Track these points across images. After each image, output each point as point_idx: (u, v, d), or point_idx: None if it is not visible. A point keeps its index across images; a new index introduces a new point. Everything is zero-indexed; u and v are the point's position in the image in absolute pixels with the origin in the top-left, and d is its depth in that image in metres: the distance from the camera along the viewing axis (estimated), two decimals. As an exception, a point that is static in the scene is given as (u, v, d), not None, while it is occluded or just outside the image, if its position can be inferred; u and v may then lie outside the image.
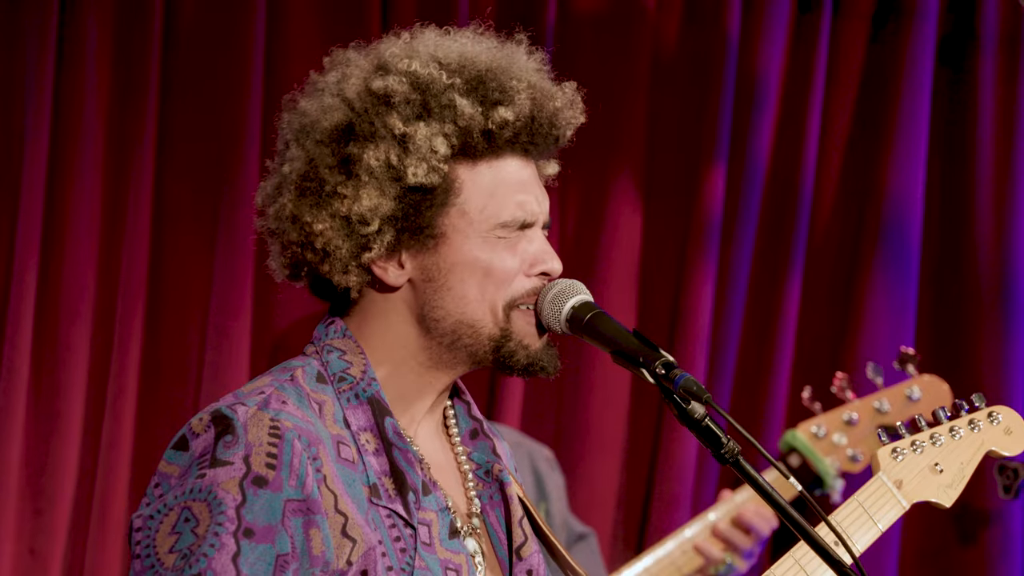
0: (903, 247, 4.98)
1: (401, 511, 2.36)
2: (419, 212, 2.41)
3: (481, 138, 2.42)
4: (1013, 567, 4.91)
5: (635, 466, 4.92)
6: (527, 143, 2.45)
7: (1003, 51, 5.05)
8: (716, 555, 4.29)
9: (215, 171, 4.59)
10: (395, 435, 2.40)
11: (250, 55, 4.58)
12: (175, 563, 2.25)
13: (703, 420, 2.31)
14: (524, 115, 2.43)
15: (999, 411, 2.77)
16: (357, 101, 2.42)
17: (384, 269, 2.43)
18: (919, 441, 2.72)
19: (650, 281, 4.96)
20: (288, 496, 2.28)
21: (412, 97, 2.40)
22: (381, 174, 2.39)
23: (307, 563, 2.29)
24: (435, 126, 2.40)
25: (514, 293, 2.43)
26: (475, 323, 2.43)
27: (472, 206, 2.42)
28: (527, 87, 2.44)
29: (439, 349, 2.44)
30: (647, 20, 4.94)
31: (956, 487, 2.74)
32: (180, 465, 2.32)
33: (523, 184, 2.46)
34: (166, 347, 4.58)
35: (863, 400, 4.42)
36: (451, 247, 2.42)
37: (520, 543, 2.51)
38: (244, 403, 2.33)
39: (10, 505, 4.41)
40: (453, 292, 2.42)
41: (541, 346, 2.46)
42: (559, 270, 2.47)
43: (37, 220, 4.46)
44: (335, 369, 2.43)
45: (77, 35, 4.50)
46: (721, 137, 4.91)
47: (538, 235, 2.47)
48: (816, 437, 4.40)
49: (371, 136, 2.40)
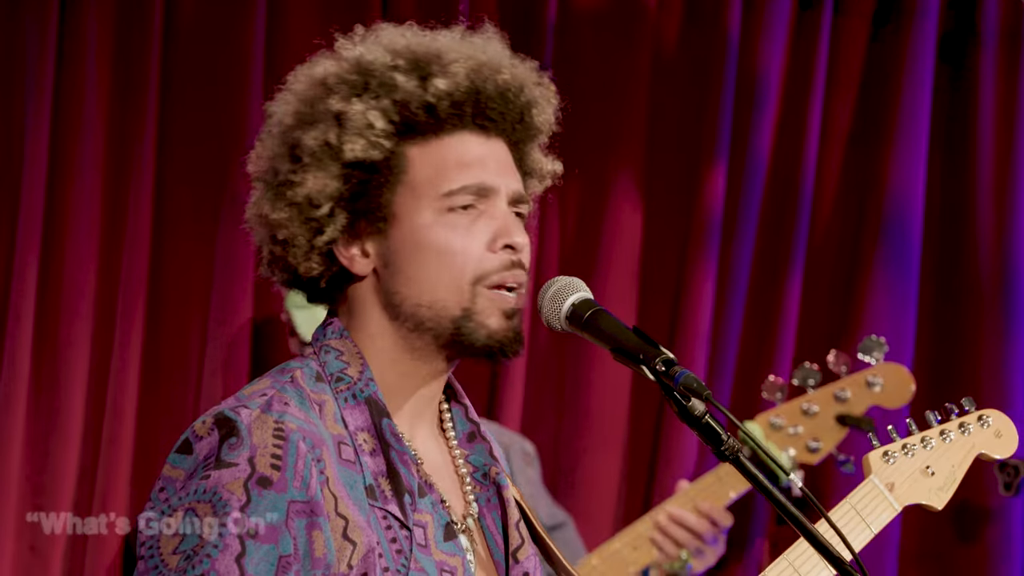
0: (904, 244, 4.98)
1: (397, 512, 2.36)
2: (367, 192, 2.40)
3: (423, 112, 2.40)
4: (1013, 564, 4.91)
5: (636, 463, 4.92)
6: (478, 117, 2.43)
7: (1004, 48, 5.05)
8: (670, 550, 4.27)
9: (216, 169, 4.60)
10: (392, 436, 2.39)
11: (250, 53, 4.58)
12: (179, 564, 2.25)
13: (703, 417, 2.30)
14: (463, 86, 2.41)
15: (989, 414, 2.80)
16: (305, 91, 2.43)
17: (350, 258, 2.43)
18: (910, 444, 2.74)
19: (650, 279, 4.96)
20: (292, 497, 2.28)
21: (351, 78, 2.41)
22: (321, 154, 2.39)
23: (309, 565, 2.28)
24: (371, 102, 2.39)
25: (479, 270, 2.39)
26: (433, 304, 2.40)
27: (419, 182, 2.40)
28: (473, 64, 2.42)
29: (408, 335, 2.42)
30: (648, 18, 4.95)
31: (947, 490, 2.76)
32: (185, 468, 2.31)
33: (479, 158, 2.43)
34: (167, 344, 4.58)
35: (823, 389, 4.40)
36: (402, 228, 2.40)
37: (517, 546, 2.50)
38: (247, 406, 2.33)
39: (11, 502, 4.41)
40: (407, 275, 2.40)
41: (503, 327, 2.42)
42: (524, 244, 2.42)
43: (38, 218, 4.46)
44: (332, 369, 2.42)
45: (77, 32, 4.50)
46: (722, 135, 4.91)
47: (501, 209, 2.42)
48: (773, 428, 4.38)
49: (312, 120, 2.41)
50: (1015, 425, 2.83)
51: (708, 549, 4.27)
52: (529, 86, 2.48)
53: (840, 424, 4.42)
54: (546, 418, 4.89)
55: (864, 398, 4.41)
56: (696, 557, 4.28)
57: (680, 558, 4.26)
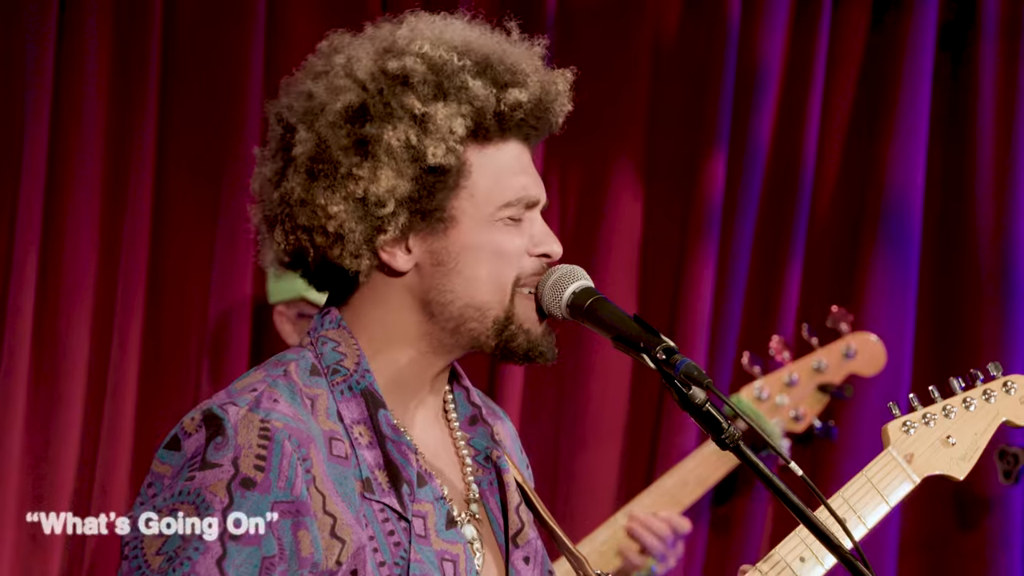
0: (903, 233, 4.98)
1: (395, 504, 2.36)
2: (432, 194, 2.40)
3: (493, 120, 2.42)
4: (1013, 553, 4.91)
5: (636, 452, 4.92)
6: (531, 127, 2.46)
7: (1004, 37, 5.04)
8: (635, 559, 4.32)
9: (216, 160, 4.59)
10: (388, 427, 2.40)
11: (250, 44, 4.57)
12: (160, 565, 2.25)
13: (704, 405, 2.31)
14: (535, 97, 2.43)
15: (1015, 380, 2.74)
16: (371, 82, 2.40)
17: (392, 254, 2.42)
18: (931, 413, 2.69)
19: (650, 267, 4.96)
20: (276, 498, 2.28)
21: (429, 78, 2.39)
22: (400, 154, 2.38)
23: (295, 565, 2.28)
24: (453, 107, 2.39)
25: (520, 272, 2.44)
26: (482, 305, 2.42)
27: (479, 189, 2.42)
28: (534, 70, 2.45)
29: (441, 334, 2.44)
30: (648, 6, 4.94)
31: (969, 459, 2.71)
32: (172, 465, 2.31)
33: (524, 167, 2.47)
34: (167, 335, 4.58)
35: (802, 360, 4.57)
36: (460, 230, 2.42)
37: (516, 530, 2.51)
38: (236, 402, 2.33)
39: (11, 492, 4.41)
40: (464, 275, 2.42)
41: (541, 332, 2.46)
42: (559, 252, 2.47)
43: (37, 208, 4.45)
44: (329, 361, 2.42)
45: (78, 21, 4.49)
46: (722, 124, 4.90)
47: (539, 217, 2.48)
48: (759, 400, 4.48)
49: (388, 116, 2.38)
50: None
51: (671, 554, 4.33)
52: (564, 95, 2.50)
53: (821, 392, 4.58)
54: (546, 407, 4.89)
55: (841, 367, 4.62)
56: (660, 562, 4.34)
57: (646, 565, 4.31)
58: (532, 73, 2.44)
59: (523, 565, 2.50)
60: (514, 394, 4.79)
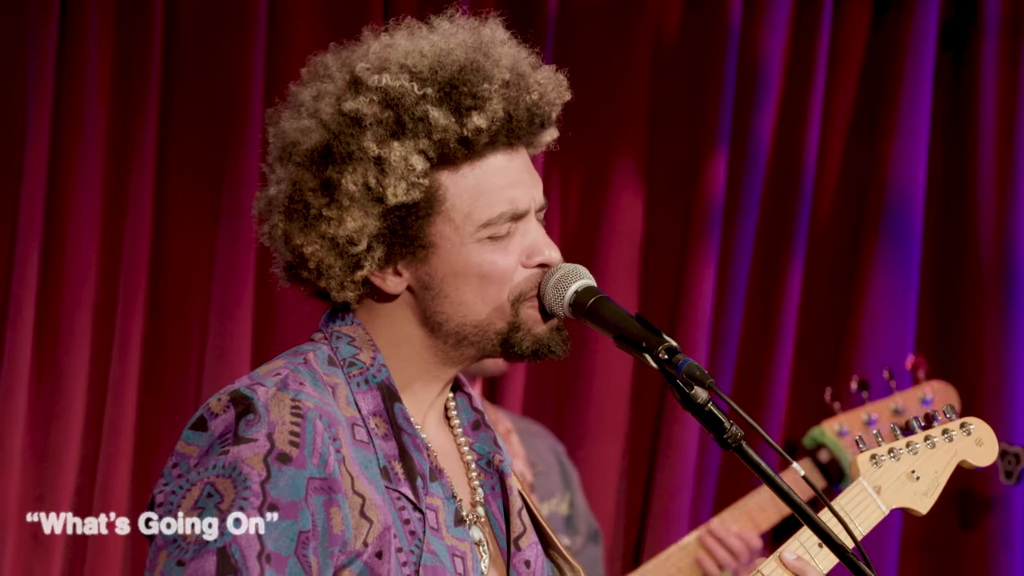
0: (905, 232, 4.98)
1: (410, 494, 2.37)
2: (406, 226, 2.39)
3: (459, 146, 2.39)
4: (1014, 552, 4.91)
5: (637, 451, 4.92)
6: (509, 138, 2.43)
7: (1005, 35, 5.05)
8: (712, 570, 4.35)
9: (216, 162, 4.60)
10: (404, 420, 2.41)
11: (251, 46, 4.58)
12: (196, 537, 2.25)
13: (706, 405, 2.31)
14: (499, 118, 2.40)
15: (971, 422, 2.80)
16: (332, 122, 2.39)
17: (382, 279, 2.43)
18: (896, 448, 2.75)
19: (652, 266, 4.96)
20: (311, 474, 2.28)
21: (384, 116, 2.37)
22: (361, 197, 2.37)
23: (326, 542, 2.29)
24: (409, 144, 2.37)
25: (518, 290, 2.43)
26: (479, 323, 2.42)
27: (458, 212, 2.40)
28: (500, 86, 2.41)
29: (445, 348, 2.45)
30: (649, 5, 4.94)
31: (931, 495, 2.77)
32: (199, 445, 2.31)
33: (510, 178, 2.44)
34: (168, 333, 4.58)
35: (881, 402, 4.54)
36: (441, 256, 2.41)
37: (518, 534, 2.52)
38: (263, 383, 2.33)
39: (11, 491, 4.41)
40: (451, 299, 2.42)
41: (546, 330, 2.46)
42: (557, 259, 2.46)
43: (39, 208, 4.46)
44: (345, 355, 2.43)
45: (79, 25, 4.49)
46: (723, 123, 4.90)
47: (532, 226, 2.46)
48: (840, 435, 4.50)
49: (348, 158, 2.38)
50: (995, 433, 2.83)
51: (744, 571, 4.36)
52: (549, 92, 2.47)
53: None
54: (547, 405, 4.89)
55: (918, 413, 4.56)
56: None
57: None
58: (496, 92, 2.40)
59: (524, 568, 2.51)
60: (516, 392, 4.80)
